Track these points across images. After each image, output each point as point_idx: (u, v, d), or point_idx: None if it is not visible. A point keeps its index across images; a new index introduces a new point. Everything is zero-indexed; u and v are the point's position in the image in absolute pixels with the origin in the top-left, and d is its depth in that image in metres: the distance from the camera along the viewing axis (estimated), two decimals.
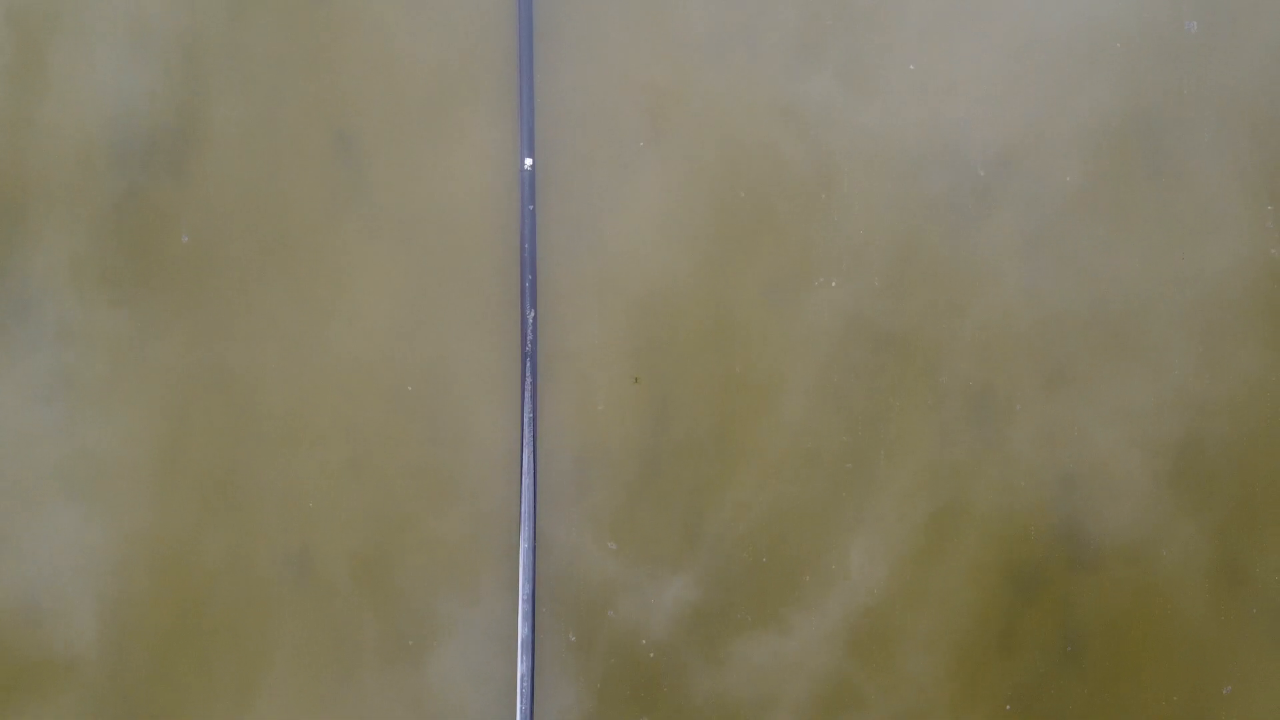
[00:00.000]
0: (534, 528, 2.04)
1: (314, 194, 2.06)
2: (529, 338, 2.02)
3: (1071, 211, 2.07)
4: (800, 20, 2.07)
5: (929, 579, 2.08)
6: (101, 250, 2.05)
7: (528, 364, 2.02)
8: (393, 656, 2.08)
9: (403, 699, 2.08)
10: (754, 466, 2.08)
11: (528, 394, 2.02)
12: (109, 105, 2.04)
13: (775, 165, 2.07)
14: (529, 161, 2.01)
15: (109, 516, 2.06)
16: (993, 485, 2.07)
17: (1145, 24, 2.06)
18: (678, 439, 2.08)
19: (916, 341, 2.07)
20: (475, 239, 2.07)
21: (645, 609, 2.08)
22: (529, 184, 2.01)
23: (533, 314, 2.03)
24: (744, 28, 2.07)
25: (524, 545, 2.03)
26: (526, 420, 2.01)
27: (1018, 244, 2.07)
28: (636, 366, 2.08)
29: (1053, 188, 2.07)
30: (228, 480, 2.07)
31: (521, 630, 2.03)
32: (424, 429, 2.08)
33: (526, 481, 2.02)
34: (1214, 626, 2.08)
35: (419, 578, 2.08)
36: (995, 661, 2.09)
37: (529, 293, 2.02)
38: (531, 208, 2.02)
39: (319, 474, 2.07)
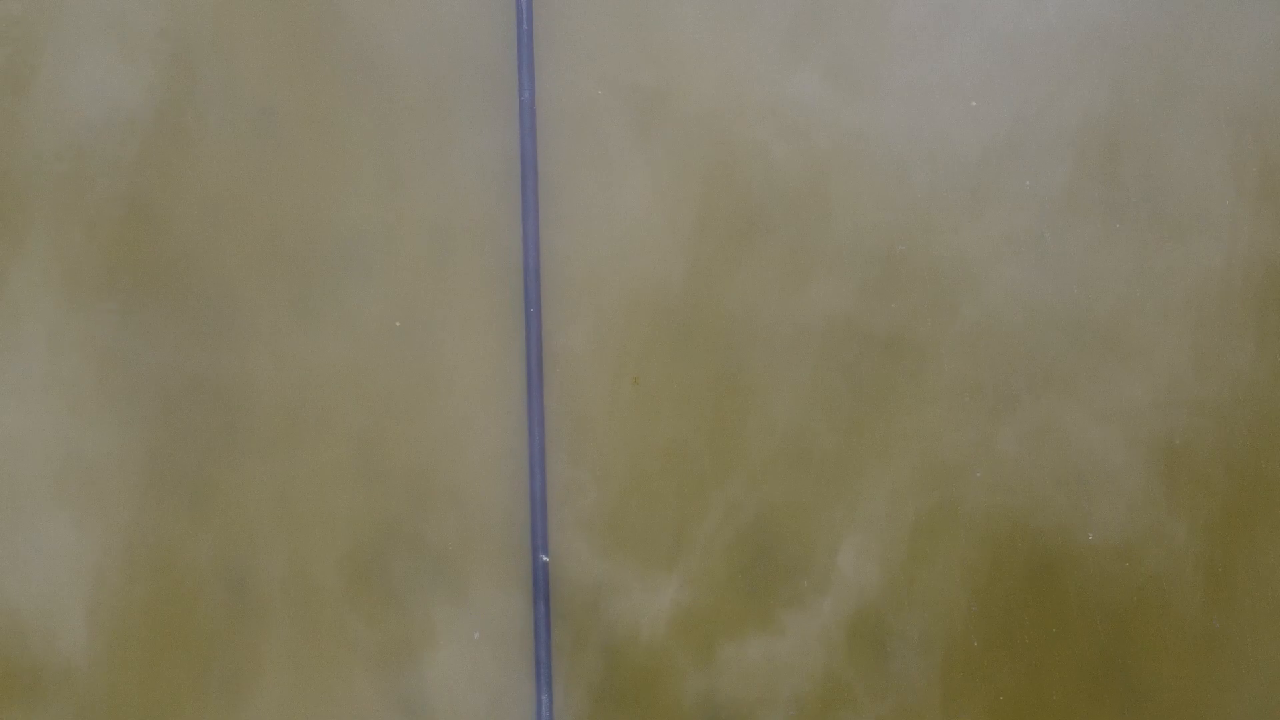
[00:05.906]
0: (545, 530, 2.04)
1: None
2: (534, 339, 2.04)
3: (1062, 210, 2.08)
4: (789, 19, 2.08)
5: (922, 578, 2.09)
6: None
7: (533, 365, 2.04)
8: (388, 662, 2.08)
9: (397, 705, 2.09)
10: (750, 466, 2.09)
11: (534, 396, 2.03)
12: None
13: (767, 165, 2.08)
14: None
15: (101, 521, 2.06)
16: (983, 485, 2.09)
17: (1135, 22, 2.08)
18: (676, 438, 2.09)
19: (907, 341, 2.09)
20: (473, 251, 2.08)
21: (640, 610, 2.09)
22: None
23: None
24: (733, 27, 2.08)
25: (532, 547, 2.04)
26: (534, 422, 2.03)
27: (1008, 243, 2.08)
28: (635, 367, 2.09)
29: (1042, 186, 2.08)
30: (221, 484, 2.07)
31: (536, 640, 2.04)
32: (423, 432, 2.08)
33: (535, 481, 2.04)
34: (1207, 625, 2.10)
35: (416, 582, 2.08)
36: (991, 661, 2.10)
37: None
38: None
39: (314, 477, 2.08)
